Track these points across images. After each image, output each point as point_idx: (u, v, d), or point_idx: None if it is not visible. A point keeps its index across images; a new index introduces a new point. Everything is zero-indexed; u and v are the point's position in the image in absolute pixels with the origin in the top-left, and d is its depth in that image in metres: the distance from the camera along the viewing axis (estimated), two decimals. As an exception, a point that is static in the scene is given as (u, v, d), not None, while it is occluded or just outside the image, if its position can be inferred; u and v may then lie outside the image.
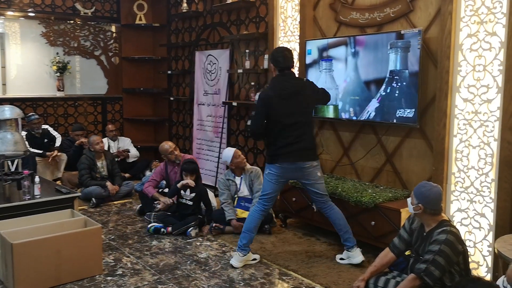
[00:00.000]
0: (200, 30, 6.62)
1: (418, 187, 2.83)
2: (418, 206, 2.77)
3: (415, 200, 2.79)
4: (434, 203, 2.75)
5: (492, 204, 3.45)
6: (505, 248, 2.80)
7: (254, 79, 5.69)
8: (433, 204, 2.75)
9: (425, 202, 2.75)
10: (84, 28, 7.18)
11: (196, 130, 6.69)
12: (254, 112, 3.78)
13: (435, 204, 2.76)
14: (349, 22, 4.48)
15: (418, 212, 2.79)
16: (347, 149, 4.61)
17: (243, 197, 4.64)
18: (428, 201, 2.75)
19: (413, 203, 2.81)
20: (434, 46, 3.78)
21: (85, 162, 5.55)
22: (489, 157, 3.47)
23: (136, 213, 5.13)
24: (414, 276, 2.70)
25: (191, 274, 3.60)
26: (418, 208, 2.77)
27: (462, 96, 3.61)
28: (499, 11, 3.35)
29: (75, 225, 3.64)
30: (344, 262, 3.82)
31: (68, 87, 7.08)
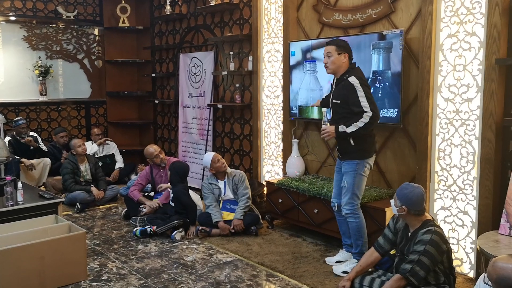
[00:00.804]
0: (184, 33, 6.61)
1: (400, 189, 2.86)
2: (401, 208, 2.80)
3: (398, 202, 2.82)
4: (417, 204, 2.78)
5: (475, 202, 3.50)
6: (487, 245, 2.84)
7: (238, 81, 5.69)
8: (417, 205, 2.78)
9: (408, 204, 2.78)
10: (66, 32, 7.12)
11: (181, 132, 6.67)
12: (365, 94, 3.36)
13: (418, 205, 2.79)
14: (332, 23, 4.51)
15: (402, 213, 2.82)
16: (332, 149, 4.63)
17: (228, 200, 4.63)
18: (411, 203, 2.78)
19: (396, 205, 2.84)
20: (416, 47, 3.83)
21: (68, 167, 5.49)
22: (470, 155, 3.52)
23: (122, 218, 5.09)
24: (400, 277, 2.72)
25: (177, 278, 3.58)
26: (402, 210, 2.80)
27: (444, 96, 3.65)
28: (478, 12, 3.41)
29: (59, 231, 3.61)
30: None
31: (51, 91, 7.01)
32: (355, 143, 3.48)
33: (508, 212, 3.00)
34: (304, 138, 4.87)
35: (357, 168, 3.52)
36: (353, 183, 3.54)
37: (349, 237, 3.80)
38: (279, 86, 5.17)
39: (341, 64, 3.50)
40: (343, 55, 3.50)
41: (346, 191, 3.58)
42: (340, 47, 3.50)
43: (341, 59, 3.50)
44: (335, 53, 3.49)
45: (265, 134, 5.46)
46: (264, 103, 5.41)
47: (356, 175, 3.53)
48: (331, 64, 3.51)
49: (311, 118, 4.64)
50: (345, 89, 3.44)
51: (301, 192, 4.34)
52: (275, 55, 5.22)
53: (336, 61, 3.50)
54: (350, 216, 3.58)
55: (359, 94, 3.36)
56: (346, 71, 3.50)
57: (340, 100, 3.49)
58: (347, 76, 3.45)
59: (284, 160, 4.97)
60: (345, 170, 3.59)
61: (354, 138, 3.47)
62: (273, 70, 5.26)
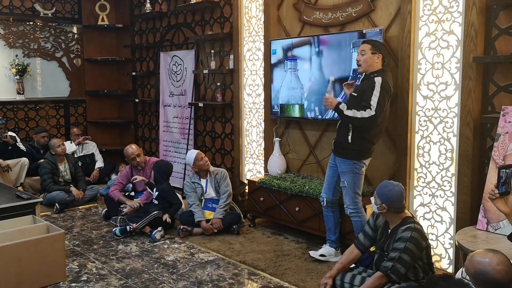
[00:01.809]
0: (165, 31, 6.56)
1: (380, 188, 2.88)
2: (381, 206, 2.82)
3: (378, 200, 2.84)
4: (397, 202, 2.81)
5: (453, 198, 3.55)
6: (465, 240, 2.89)
7: (220, 79, 5.67)
8: (396, 203, 2.81)
9: (388, 202, 2.80)
10: (44, 30, 7.00)
11: (162, 132, 6.62)
12: (379, 95, 3.33)
13: (398, 202, 2.81)
14: (312, 21, 4.52)
15: (382, 211, 2.84)
16: (313, 147, 4.65)
17: (210, 199, 4.61)
18: (391, 201, 2.80)
19: (376, 203, 2.86)
20: (395, 45, 3.86)
21: (46, 167, 5.40)
22: (449, 152, 3.57)
23: (102, 218, 5.03)
24: (381, 274, 2.75)
25: (158, 278, 3.55)
26: (382, 208, 2.83)
27: (422, 94, 3.69)
28: (456, 10, 3.45)
29: (37, 232, 3.54)
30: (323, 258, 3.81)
31: (28, 90, 6.88)
32: (352, 142, 3.47)
33: (485, 207, 3.05)
34: (285, 137, 4.88)
35: (354, 168, 3.52)
36: (353, 183, 3.53)
37: (334, 234, 3.82)
38: (261, 85, 5.17)
39: (373, 64, 3.45)
40: (377, 56, 3.45)
41: (347, 191, 3.56)
42: (375, 47, 3.46)
43: (374, 59, 3.44)
44: (369, 52, 3.44)
45: (246, 133, 5.46)
46: (246, 102, 5.40)
47: (355, 175, 3.53)
48: (363, 62, 3.46)
49: (293, 116, 4.65)
50: (367, 85, 3.40)
51: (282, 191, 4.35)
52: (256, 54, 5.21)
53: (368, 60, 3.44)
54: (355, 215, 3.57)
55: (374, 93, 3.34)
56: (376, 71, 3.45)
57: (358, 94, 3.45)
58: (375, 75, 3.40)
59: (266, 159, 4.97)
60: (343, 170, 3.57)
61: (353, 137, 3.46)
62: (254, 68, 5.25)
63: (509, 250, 2.24)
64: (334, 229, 3.81)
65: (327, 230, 3.85)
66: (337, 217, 3.81)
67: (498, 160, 3.03)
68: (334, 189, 3.75)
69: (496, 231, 2.97)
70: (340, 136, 3.59)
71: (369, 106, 3.32)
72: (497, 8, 3.26)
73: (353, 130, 3.47)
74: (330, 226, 3.82)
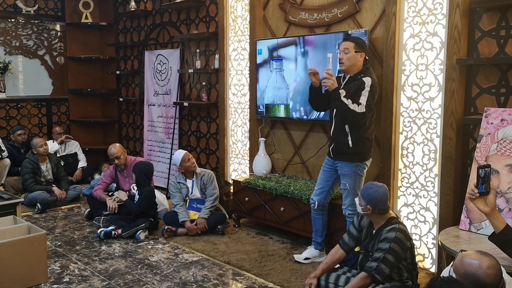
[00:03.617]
0: (149, 30, 6.50)
1: (365, 189, 2.89)
2: (366, 207, 2.83)
3: (363, 201, 2.85)
4: (381, 203, 2.82)
5: (436, 198, 3.59)
6: (448, 240, 2.91)
7: (205, 79, 5.65)
8: (381, 204, 2.82)
9: (373, 204, 2.81)
10: (26, 27, 6.88)
11: (146, 131, 6.56)
12: (368, 94, 3.33)
13: (383, 204, 2.83)
14: (298, 22, 4.53)
15: (367, 212, 2.85)
16: (298, 148, 4.65)
17: (195, 199, 4.59)
18: (375, 202, 2.81)
19: (361, 204, 2.87)
20: (380, 46, 3.89)
21: (28, 166, 5.31)
22: (432, 153, 3.60)
23: (84, 218, 4.97)
24: (366, 275, 2.76)
25: (142, 279, 3.52)
26: (367, 209, 2.84)
27: (407, 95, 3.72)
28: (440, 12, 3.49)
29: (18, 232, 3.48)
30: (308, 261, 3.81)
31: (10, 88, 6.76)
32: (353, 145, 3.44)
33: (468, 208, 3.08)
34: (271, 137, 4.88)
35: (357, 170, 3.49)
36: (354, 185, 3.51)
37: (321, 236, 3.82)
38: (246, 85, 5.16)
39: (356, 63, 3.42)
40: (360, 54, 3.42)
41: (348, 193, 3.53)
42: (358, 45, 3.43)
43: (357, 58, 3.41)
44: (353, 50, 3.41)
45: (231, 133, 5.44)
46: (231, 102, 5.39)
47: (357, 177, 3.51)
48: (347, 60, 3.41)
49: (278, 116, 4.65)
50: (357, 87, 3.38)
51: (267, 191, 4.34)
52: (241, 53, 5.20)
53: (352, 59, 3.41)
54: (353, 215, 3.51)
55: (363, 93, 3.33)
56: (361, 71, 3.43)
57: (349, 98, 3.40)
58: (362, 76, 3.38)
59: (251, 159, 4.96)
60: (345, 172, 3.52)
61: (353, 140, 3.43)
62: (240, 68, 5.24)
63: (491, 250, 2.26)
64: (321, 231, 3.82)
65: (314, 232, 3.85)
66: (325, 220, 3.81)
67: (480, 161, 3.07)
68: (327, 193, 3.73)
69: (479, 231, 3.01)
70: (338, 141, 3.52)
71: (359, 104, 3.32)
72: (480, 10, 3.30)
73: (351, 133, 3.43)
74: (317, 228, 3.82)
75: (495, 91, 3.26)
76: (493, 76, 3.26)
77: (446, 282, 1.76)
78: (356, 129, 3.42)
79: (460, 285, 1.73)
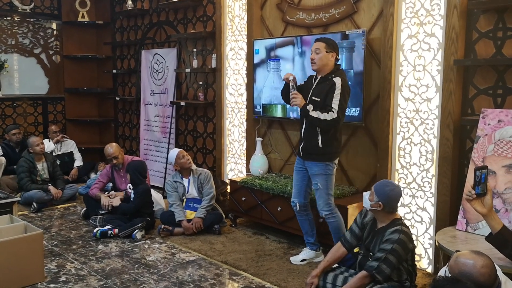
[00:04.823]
0: (146, 29, 6.49)
1: (380, 185, 2.86)
2: (378, 203, 2.81)
3: (375, 197, 2.82)
4: (394, 202, 2.82)
5: (433, 199, 3.60)
6: (445, 240, 2.92)
7: (202, 78, 5.64)
8: (393, 204, 2.82)
9: (386, 201, 2.80)
10: (22, 25, 6.85)
11: (143, 130, 6.55)
12: (340, 97, 3.36)
13: (395, 203, 2.83)
14: (295, 22, 4.53)
15: (376, 209, 2.83)
16: (295, 148, 4.65)
17: (192, 198, 4.58)
18: (389, 201, 2.80)
19: (372, 200, 2.84)
20: (377, 47, 3.89)
21: (24, 165, 5.29)
22: (429, 153, 3.62)
23: (81, 217, 4.95)
24: (366, 274, 2.75)
25: (139, 278, 3.51)
26: (377, 206, 2.81)
27: (404, 95, 3.73)
28: (437, 13, 3.50)
29: (14, 231, 3.46)
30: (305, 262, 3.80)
31: (5, 87, 6.73)
32: (323, 145, 3.47)
33: (465, 208, 3.10)
34: (267, 137, 4.88)
35: (327, 169, 3.52)
36: (326, 185, 3.53)
37: (312, 236, 3.83)
38: (243, 84, 5.16)
39: (327, 63, 3.46)
40: (331, 54, 3.46)
41: (320, 193, 3.55)
42: (329, 45, 3.47)
43: (329, 58, 3.45)
44: (324, 50, 3.45)
45: (228, 133, 5.44)
46: (228, 101, 5.38)
47: (328, 176, 3.53)
48: (318, 60, 3.45)
49: (275, 116, 4.65)
50: (328, 88, 3.41)
51: (264, 191, 4.34)
52: (239, 53, 5.20)
53: (323, 59, 3.45)
54: (330, 216, 3.57)
55: (335, 95, 3.36)
56: (332, 71, 3.47)
57: (320, 98, 3.44)
58: (333, 76, 3.42)
59: (248, 158, 4.96)
60: (315, 172, 3.55)
61: (323, 140, 3.46)
62: (237, 68, 5.24)
63: (487, 250, 2.27)
64: (311, 231, 3.82)
65: (304, 234, 3.86)
66: (311, 219, 3.82)
67: (477, 162, 3.09)
68: (305, 192, 3.74)
69: (475, 231, 3.02)
70: (308, 141, 3.56)
71: (331, 109, 3.36)
72: (477, 12, 3.31)
73: (322, 133, 3.47)
74: (306, 229, 3.83)
75: (492, 92, 3.28)
76: (490, 77, 3.28)
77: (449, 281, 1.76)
78: (327, 131, 3.46)
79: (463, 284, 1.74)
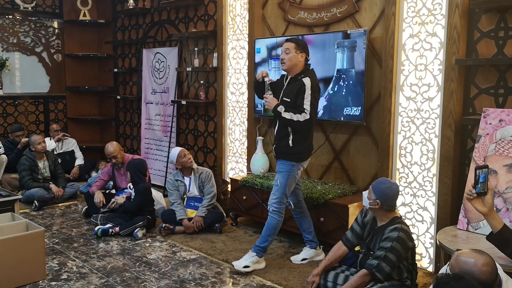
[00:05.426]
0: (148, 28, 6.49)
1: (377, 184, 2.88)
2: (375, 201, 2.82)
3: (373, 195, 2.84)
4: (391, 200, 2.83)
5: (434, 198, 3.60)
6: (446, 240, 2.93)
7: (203, 77, 5.65)
8: (390, 201, 2.83)
9: (383, 199, 2.81)
10: (24, 24, 6.85)
11: (144, 129, 6.56)
12: (311, 97, 3.39)
13: (392, 201, 2.84)
14: (297, 21, 4.54)
15: (374, 207, 2.85)
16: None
17: (193, 197, 4.59)
18: (386, 198, 2.81)
19: (370, 198, 2.85)
20: (379, 46, 3.90)
21: (25, 164, 5.29)
22: (430, 153, 3.62)
23: (82, 215, 4.96)
24: (366, 272, 2.76)
25: (140, 276, 3.52)
26: (375, 204, 2.83)
27: (405, 95, 3.74)
28: (439, 13, 3.50)
29: (16, 229, 3.47)
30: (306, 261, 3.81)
31: (7, 85, 6.73)
32: (293, 145, 3.49)
33: (466, 207, 3.10)
34: (268, 136, 4.88)
35: (292, 169, 3.53)
36: (285, 183, 3.54)
37: (310, 233, 3.83)
38: (244, 83, 5.16)
39: (297, 63, 3.50)
40: (301, 55, 3.50)
41: (277, 190, 3.56)
42: (299, 46, 3.51)
43: (298, 58, 3.49)
44: (294, 50, 3.49)
45: (229, 131, 5.44)
46: (229, 100, 5.39)
47: (290, 176, 3.53)
48: (288, 60, 3.49)
49: (276, 115, 4.65)
50: (298, 88, 3.44)
51: (265, 189, 4.35)
52: (240, 52, 5.20)
53: (293, 59, 3.49)
54: (276, 213, 3.58)
55: (305, 96, 3.39)
56: (302, 72, 3.50)
57: (290, 99, 3.47)
58: (302, 77, 3.45)
59: (249, 157, 4.97)
60: (280, 169, 3.57)
61: (294, 140, 3.48)
62: (238, 67, 5.24)
63: (489, 250, 2.28)
64: (308, 228, 3.83)
65: (302, 232, 3.87)
66: (307, 216, 3.83)
67: (478, 161, 3.09)
68: (295, 190, 3.75)
69: (476, 230, 3.03)
70: (280, 141, 3.58)
71: (304, 110, 3.38)
72: (479, 11, 3.32)
73: (293, 133, 3.48)
74: (304, 227, 3.84)
75: (493, 91, 3.28)
76: (492, 77, 3.28)
77: (453, 278, 1.77)
78: (298, 131, 3.47)
79: (467, 281, 1.75)
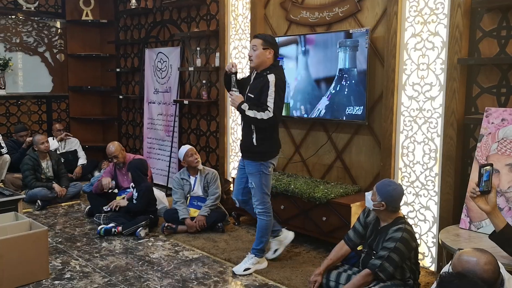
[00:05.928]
0: (150, 27, 6.50)
1: (383, 185, 2.86)
2: (380, 203, 2.81)
3: (378, 197, 2.82)
4: (396, 202, 2.83)
5: (436, 197, 3.61)
6: (448, 239, 2.93)
7: (205, 77, 5.65)
8: (395, 203, 2.83)
9: (388, 201, 2.80)
10: (26, 24, 6.87)
11: (146, 129, 6.57)
12: (275, 94, 3.34)
13: (397, 203, 2.84)
14: (299, 21, 4.54)
15: (379, 208, 2.84)
16: (298, 146, 4.67)
17: (196, 196, 4.60)
18: (391, 200, 2.81)
19: (374, 200, 2.84)
20: (381, 45, 3.90)
21: (28, 163, 5.31)
22: (433, 152, 3.62)
23: (85, 215, 4.98)
24: (369, 272, 2.76)
25: (143, 275, 3.53)
26: (380, 205, 2.81)
27: (408, 94, 3.74)
28: (441, 12, 3.50)
29: (19, 228, 3.49)
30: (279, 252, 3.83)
31: (10, 85, 6.75)
32: (257, 144, 3.47)
33: (468, 207, 3.10)
34: (271, 135, 4.88)
35: (261, 169, 3.51)
36: (260, 184, 3.53)
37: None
38: (246, 83, 5.16)
39: (265, 60, 3.44)
40: (268, 51, 3.44)
41: (255, 191, 3.56)
42: (266, 42, 3.45)
43: (266, 54, 3.42)
44: (261, 47, 3.43)
45: (231, 131, 5.45)
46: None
47: (262, 175, 3.52)
48: (255, 57, 3.44)
49: (278, 115, 4.65)
50: (262, 84, 3.40)
51: (268, 189, 4.35)
52: (242, 52, 5.21)
53: (260, 56, 3.43)
54: (262, 214, 3.58)
55: (269, 93, 3.35)
56: (268, 68, 3.45)
57: (254, 95, 3.44)
58: (268, 73, 3.40)
59: (251, 157, 4.96)
60: (250, 171, 3.55)
61: (258, 139, 3.46)
62: (240, 66, 5.24)
63: (491, 249, 2.28)
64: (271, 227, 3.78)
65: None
66: None
67: (481, 161, 3.09)
68: (243, 190, 3.74)
69: (479, 230, 3.03)
70: (244, 139, 3.56)
71: (267, 108, 3.33)
72: (481, 11, 3.32)
73: (257, 132, 3.45)
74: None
75: (496, 91, 3.28)
76: (494, 76, 3.28)
77: (456, 277, 1.77)
78: (262, 130, 3.45)
79: (470, 279, 1.75)
